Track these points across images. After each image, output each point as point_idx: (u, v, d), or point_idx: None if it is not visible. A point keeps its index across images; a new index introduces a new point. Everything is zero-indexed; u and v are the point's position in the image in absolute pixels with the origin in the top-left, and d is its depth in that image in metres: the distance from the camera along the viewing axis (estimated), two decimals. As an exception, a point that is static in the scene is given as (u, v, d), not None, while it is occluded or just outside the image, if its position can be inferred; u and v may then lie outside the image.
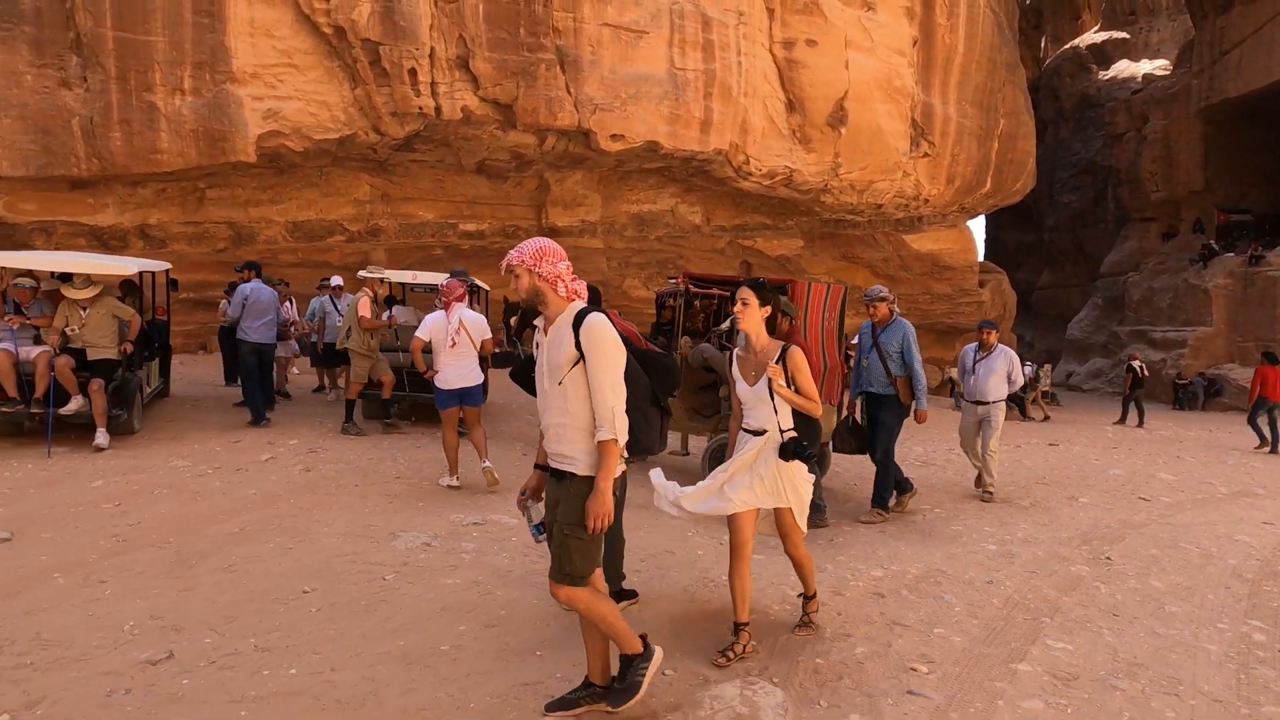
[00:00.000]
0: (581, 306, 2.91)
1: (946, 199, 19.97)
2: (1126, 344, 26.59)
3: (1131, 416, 16.64)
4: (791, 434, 3.66)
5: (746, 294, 3.66)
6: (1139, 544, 5.95)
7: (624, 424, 2.81)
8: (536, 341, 3.04)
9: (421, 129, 14.70)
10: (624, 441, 2.83)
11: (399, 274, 10.05)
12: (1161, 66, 32.65)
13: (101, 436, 6.82)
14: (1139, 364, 17.12)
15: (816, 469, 6.12)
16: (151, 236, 14.61)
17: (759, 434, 3.70)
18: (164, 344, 9.13)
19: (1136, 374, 16.89)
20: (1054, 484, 8.45)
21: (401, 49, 13.86)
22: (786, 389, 3.65)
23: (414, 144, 15.26)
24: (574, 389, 2.84)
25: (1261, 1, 23.88)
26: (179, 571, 4.45)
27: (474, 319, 6.61)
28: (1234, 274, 24.26)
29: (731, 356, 3.89)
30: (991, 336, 7.57)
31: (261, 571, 4.50)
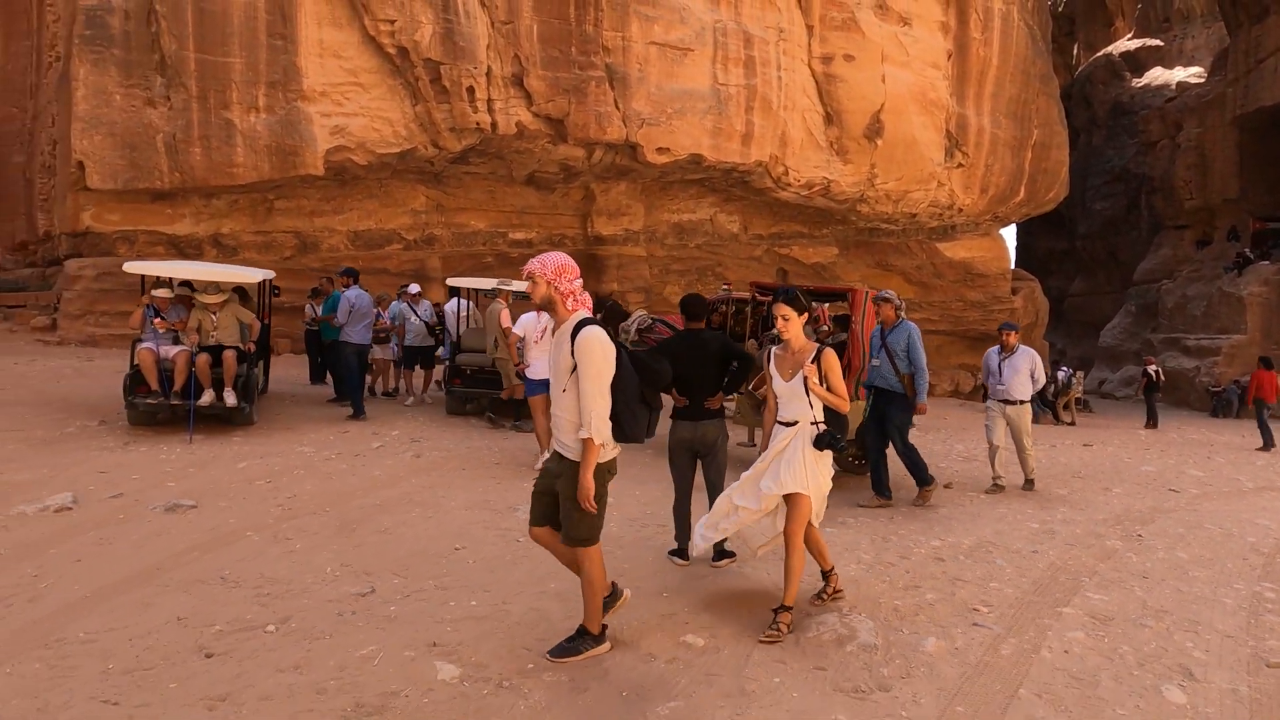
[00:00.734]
0: (582, 318, 3.43)
1: (980, 208, 20.70)
2: (1160, 352, 27.03)
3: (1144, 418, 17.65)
4: (823, 426, 4.06)
5: (785, 310, 4.09)
6: (1167, 525, 6.74)
7: (602, 425, 3.34)
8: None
9: (477, 143, 15.73)
10: (601, 441, 3.36)
11: (518, 284, 10.90)
12: (1196, 74, 33.09)
13: (230, 396, 7.90)
14: (1155, 368, 18.35)
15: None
16: (224, 245, 15.72)
17: (791, 425, 4.13)
18: (264, 345, 10.14)
19: (1152, 378, 18.05)
20: (1089, 477, 9.21)
21: (461, 68, 14.91)
22: (820, 386, 4.06)
23: (469, 157, 16.30)
24: (572, 391, 3.42)
25: (1296, 11, 24.38)
26: (345, 533, 5.39)
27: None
28: (1269, 282, 24.70)
29: (769, 355, 4.32)
30: (1012, 338, 7.86)
31: (413, 535, 5.42)
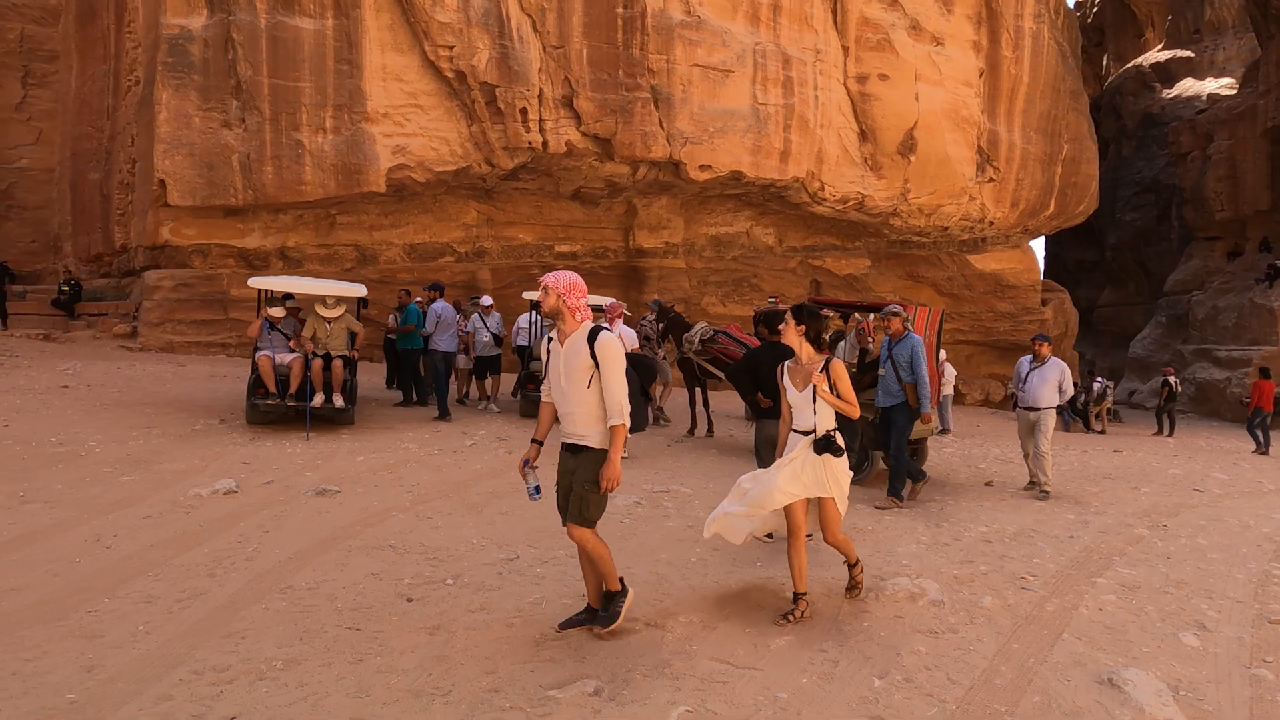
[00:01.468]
0: (593, 327, 3.96)
1: (1011, 221, 21.56)
2: (1191, 363, 27.66)
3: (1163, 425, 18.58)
4: (832, 433, 4.41)
5: (788, 317, 4.53)
6: (1190, 518, 7.62)
7: (629, 411, 3.88)
8: (547, 349, 4.07)
9: (528, 161, 16.83)
10: (628, 425, 3.93)
11: (598, 298, 11.78)
12: (1227, 85, 33.70)
13: (338, 399, 8.99)
14: (1173, 379, 19.61)
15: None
16: (290, 257, 16.90)
17: (806, 434, 4.45)
18: (352, 351, 11.24)
19: (1171, 388, 19.27)
20: (1119, 479, 10.07)
21: (515, 90, 16.03)
22: (829, 394, 4.38)
23: (519, 174, 17.41)
24: (595, 389, 3.88)
25: (1326, 25, 25.04)
26: (474, 513, 6.39)
27: (628, 331, 8.74)
28: (1300, 293, 25.30)
29: (784, 368, 4.63)
30: (1044, 348, 8.39)
31: (531, 515, 6.39)
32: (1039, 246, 45.92)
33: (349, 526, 5.88)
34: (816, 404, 4.38)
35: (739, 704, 3.50)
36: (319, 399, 8.91)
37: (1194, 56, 35.98)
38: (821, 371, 4.41)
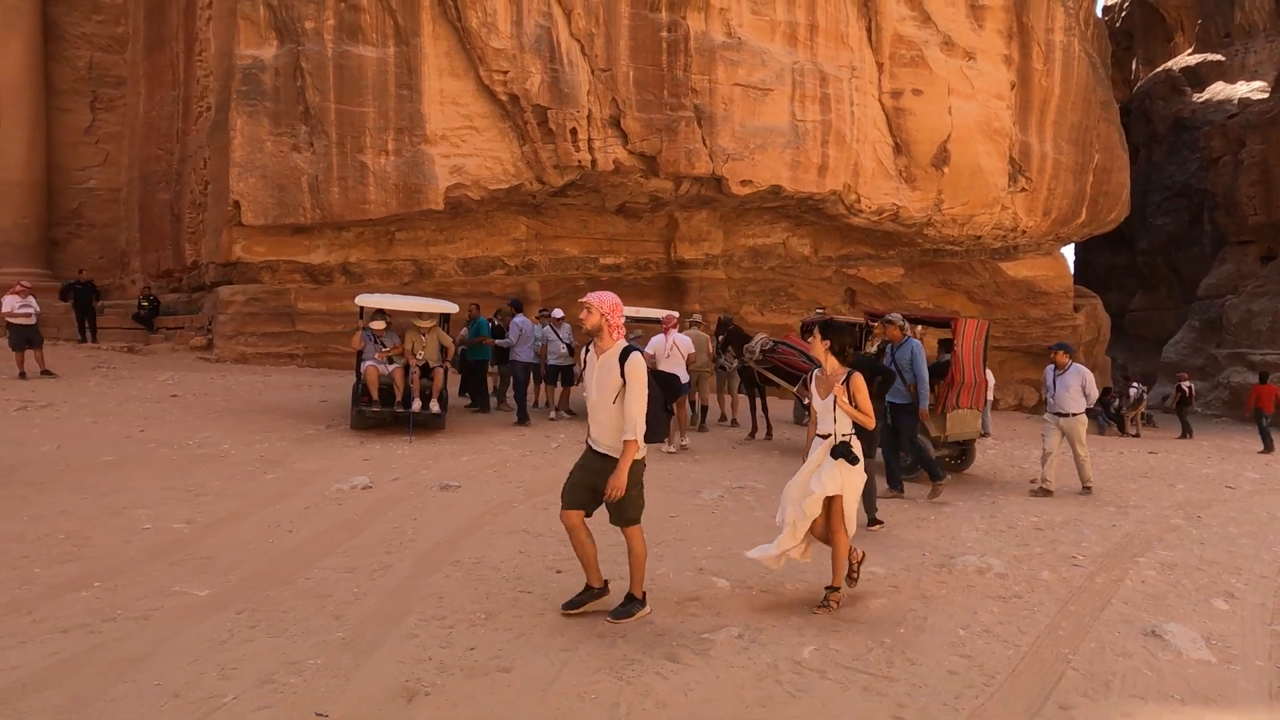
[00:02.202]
0: (625, 345, 4.43)
1: (1043, 230, 22.39)
2: (1225, 367, 28.25)
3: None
4: (848, 438, 4.91)
5: (816, 332, 5.11)
6: (1222, 510, 8.51)
7: (642, 429, 4.35)
8: (585, 360, 4.59)
9: (577, 178, 17.92)
10: (641, 442, 4.38)
11: (655, 311, 12.67)
12: (1259, 89, 34.26)
13: (435, 405, 10.11)
14: (1188, 384, 20.91)
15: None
16: (351, 272, 18.07)
17: (826, 437, 5.01)
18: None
19: (1185, 394, 20.47)
20: (1155, 478, 10.94)
21: (565, 112, 17.12)
22: (848, 404, 4.89)
23: (567, 190, 18.50)
24: (620, 404, 4.38)
25: (1356, 31, 25.68)
26: (581, 506, 7.39)
27: (683, 339, 9.93)
28: (1334, 298, 25.89)
29: (811, 376, 5.18)
30: (1062, 357, 8.83)
31: (630, 508, 7.39)
32: (1069, 251, 46.42)
33: (480, 516, 6.90)
34: (836, 412, 4.93)
35: (853, 645, 4.46)
36: (418, 405, 9.97)
37: (1224, 60, 36.56)
38: (842, 384, 4.96)
